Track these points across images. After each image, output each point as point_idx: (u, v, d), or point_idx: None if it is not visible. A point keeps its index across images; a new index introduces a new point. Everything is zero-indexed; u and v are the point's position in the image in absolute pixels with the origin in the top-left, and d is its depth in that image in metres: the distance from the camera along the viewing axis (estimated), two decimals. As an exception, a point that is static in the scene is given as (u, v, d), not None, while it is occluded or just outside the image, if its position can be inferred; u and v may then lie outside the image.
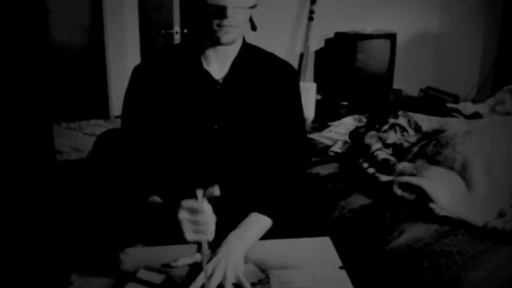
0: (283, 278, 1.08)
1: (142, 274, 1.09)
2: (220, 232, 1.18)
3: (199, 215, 1.04)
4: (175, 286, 1.06)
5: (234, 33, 1.21)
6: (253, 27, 1.32)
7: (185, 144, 1.29)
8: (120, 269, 1.12)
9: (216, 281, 1.06)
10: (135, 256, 1.17)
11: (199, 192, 1.04)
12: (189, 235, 1.05)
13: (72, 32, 4.53)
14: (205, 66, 1.29)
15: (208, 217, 1.04)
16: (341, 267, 1.14)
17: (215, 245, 1.15)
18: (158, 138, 1.30)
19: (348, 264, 1.16)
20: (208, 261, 1.08)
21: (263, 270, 1.11)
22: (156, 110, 1.29)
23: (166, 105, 1.29)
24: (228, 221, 1.22)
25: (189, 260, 1.13)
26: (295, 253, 1.19)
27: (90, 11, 4.48)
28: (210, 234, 1.05)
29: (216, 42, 1.23)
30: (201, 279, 1.05)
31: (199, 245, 1.06)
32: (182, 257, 1.14)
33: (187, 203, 1.05)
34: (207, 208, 1.04)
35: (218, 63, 1.30)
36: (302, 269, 1.12)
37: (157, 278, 1.08)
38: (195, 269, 1.10)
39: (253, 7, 1.22)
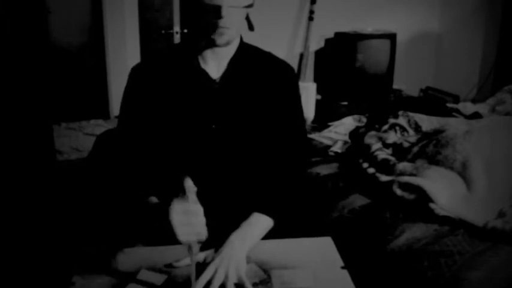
0: (284, 278, 1.09)
1: (144, 274, 1.09)
2: (222, 232, 1.19)
3: (192, 217, 1.04)
4: (177, 286, 1.07)
5: (228, 35, 1.21)
6: (251, 27, 1.32)
7: (183, 144, 1.29)
8: (121, 269, 1.12)
9: (218, 280, 1.06)
10: (136, 256, 1.17)
11: (191, 194, 1.03)
12: (182, 237, 1.05)
13: (72, 32, 4.53)
14: (203, 65, 1.30)
15: (201, 218, 1.04)
16: (342, 267, 1.14)
17: (217, 245, 1.16)
18: (156, 138, 1.30)
19: (348, 264, 1.16)
20: (197, 263, 1.08)
21: (265, 270, 1.12)
22: (153, 110, 1.30)
23: (163, 105, 1.29)
24: (229, 221, 1.23)
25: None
26: (297, 253, 1.19)
27: (90, 11, 4.48)
28: (203, 235, 1.05)
29: (211, 43, 1.23)
30: (203, 279, 1.06)
31: (189, 246, 1.05)
32: (184, 257, 1.14)
33: (179, 204, 1.04)
34: (199, 210, 1.04)
35: (215, 63, 1.30)
36: (304, 269, 1.12)
37: (158, 278, 1.08)
38: (197, 269, 1.11)
39: (248, 6, 1.22)
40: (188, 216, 1.04)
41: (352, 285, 1.08)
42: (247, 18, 1.28)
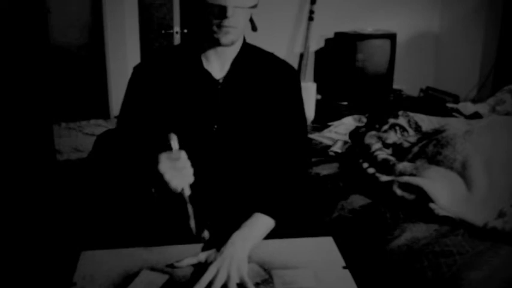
0: (286, 278, 1.09)
1: (145, 274, 1.09)
2: (224, 232, 1.19)
3: (178, 162, 1.13)
4: (179, 286, 1.07)
5: (233, 35, 1.21)
6: (254, 28, 1.32)
7: (185, 144, 1.29)
8: (122, 269, 1.12)
9: (220, 281, 1.06)
10: (137, 256, 1.17)
11: (173, 141, 1.13)
12: (174, 182, 1.12)
13: (72, 32, 4.53)
14: (206, 65, 1.30)
15: (186, 162, 1.14)
16: (344, 267, 1.14)
17: (219, 245, 1.16)
18: (158, 139, 1.30)
19: (348, 264, 1.16)
20: (198, 263, 1.13)
21: (266, 270, 1.12)
22: (155, 110, 1.30)
23: (166, 105, 1.29)
24: (231, 221, 1.23)
25: (193, 260, 1.14)
26: (299, 253, 1.19)
27: (90, 11, 4.48)
28: (190, 176, 1.15)
29: (215, 43, 1.23)
30: (205, 279, 1.06)
31: (182, 189, 1.14)
32: (186, 257, 1.14)
33: (163, 155, 1.13)
34: (182, 154, 1.14)
35: (218, 63, 1.30)
36: (305, 269, 1.12)
37: (160, 278, 1.08)
38: (199, 269, 1.11)
39: (253, 7, 1.22)
40: (173, 162, 1.11)
41: (355, 285, 1.08)
42: (251, 19, 1.28)
